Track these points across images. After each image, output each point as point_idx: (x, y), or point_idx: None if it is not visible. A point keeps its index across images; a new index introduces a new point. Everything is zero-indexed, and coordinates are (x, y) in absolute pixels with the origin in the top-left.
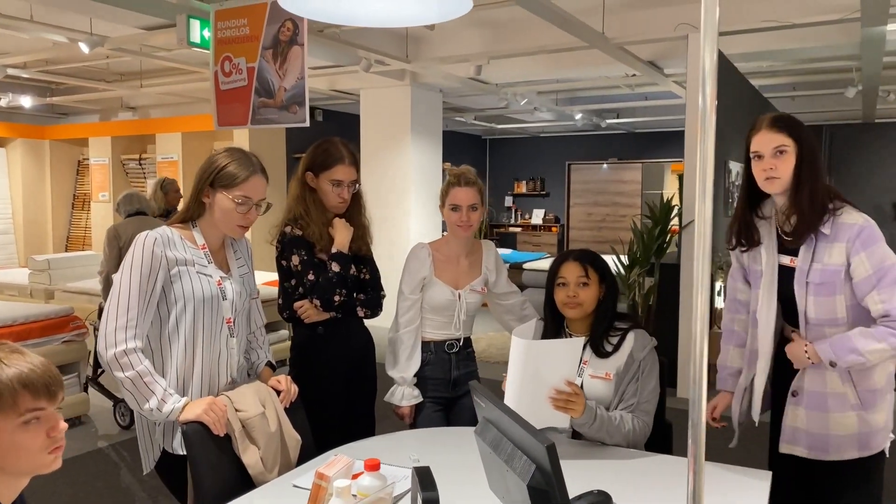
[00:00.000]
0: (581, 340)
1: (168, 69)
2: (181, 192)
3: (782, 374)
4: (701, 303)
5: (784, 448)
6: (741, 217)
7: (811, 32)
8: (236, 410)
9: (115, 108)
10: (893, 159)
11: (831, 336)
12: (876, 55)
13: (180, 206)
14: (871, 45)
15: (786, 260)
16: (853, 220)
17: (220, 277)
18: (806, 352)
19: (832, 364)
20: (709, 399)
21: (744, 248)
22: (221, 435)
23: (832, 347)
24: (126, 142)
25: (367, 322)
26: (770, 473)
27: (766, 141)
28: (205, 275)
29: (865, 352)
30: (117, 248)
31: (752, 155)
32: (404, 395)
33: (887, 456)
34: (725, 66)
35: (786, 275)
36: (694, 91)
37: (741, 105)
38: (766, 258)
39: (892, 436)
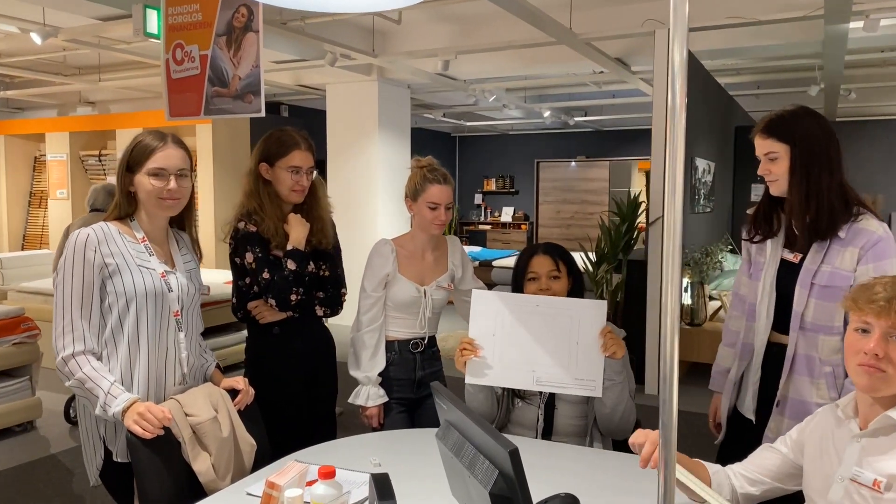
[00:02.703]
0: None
1: (128, 62)
2: None
3: (765, 381)
4: (671, 300)
5: None
6: (763, 207)
7: (775, 30)
8: (186, 415)
9: (73, 102)
10: (855, 157)
11: (823, 344)
12: (838, 53)
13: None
14: (834, 43)
15: (789, 255)
16: (872, 229)
17: (165, 271)
18: None
19: None
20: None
21: (759, 239)
22: (152, 437)
23: None
24: (85, 137)
25: (328, 320)
26: None
27: (758, 147)
28: (147, 268)
29: None
30: None
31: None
32: (370, 395)
33: None
34: (692, 63)
35: (787, 270)
36: (661, 88)
37: (707, 102)
38: (771, 250)
39: None
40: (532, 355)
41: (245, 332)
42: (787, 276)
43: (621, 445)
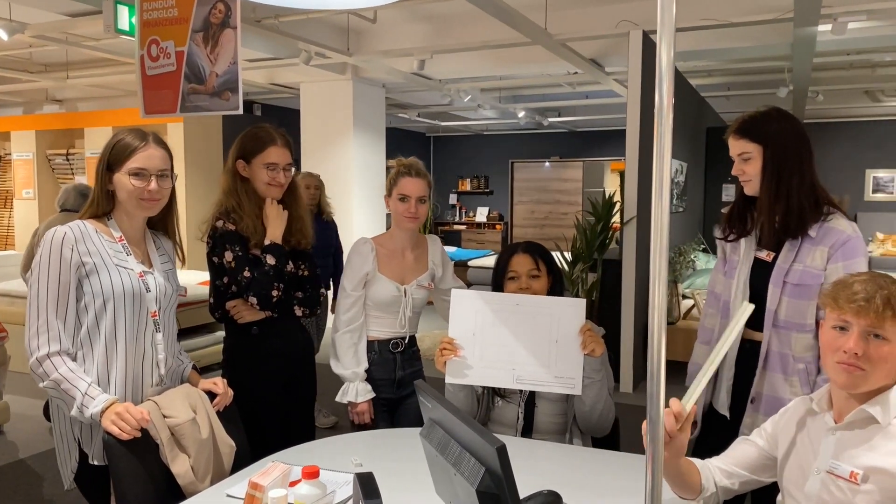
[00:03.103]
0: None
1: (97, 60)
2: None
3: (739, 377)
4: (658, 296)
5: None
6: (737, 207)
7: (746, 32)
8: (164, 416)
9: (39, 100)
10: (822, 158)
11: (796, 341)
12: (806, 55)
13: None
14: (802, 46)
15: (762, 254)
16: (842, 228)
17: (143, 271)
18: None
19: None
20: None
21: (734, 238)
22: (129, 438)
23: None
24: (52, 136)
25: (306, 321)
26: None
27: (732, 147)
28: (124, 268)
29: None
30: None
31: None
32: (358, 391)
33: None
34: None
35: (760, 269)
36: (636, 90)
37: (680, 104)
38: (745, 249)
39: None
40: (512, 354)
41: (220, 334)
42: (760, 275)
43: (601, 442)
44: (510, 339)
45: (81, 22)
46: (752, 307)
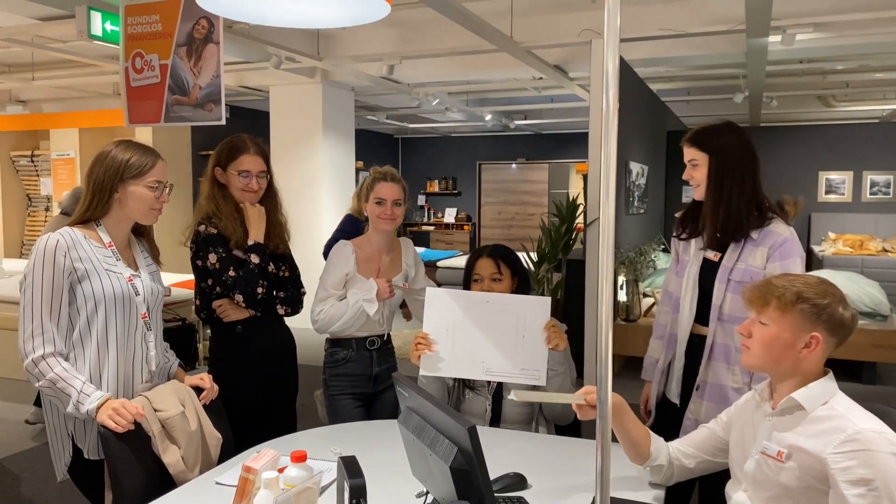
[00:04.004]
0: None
1: (63, 61)
2: None
3: (689, 369)
4: (606, 288)
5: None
6: (689, 209)
7: (702, 42)
8: (155, 410)
9: (2, 101)
10: (777, 161)
11: (738, 334)
12: (759, 64)
13: (78, 209)
14: (755, 55)
15: (710, 254)
16: (780, 231)
17: (131, 275)
18: None
19: None
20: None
21: (685, 237)
22: (124, 431)
23: None
24: (16, 137)
25: (287, 321)
26: None
27: (685, 154)
28: (114, 272)
29: None
30: None
31: None
32: (374, 288)
33: None
34: (626, 71)
35: (707, 268)
36: (598, 94)
37: (641, 108)
38: (694, 249)
39: None
40: (482, 348)
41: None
42: (707, 273)
43: (564, 430)
44: (480, 335)
45: (51, 25)
46: None
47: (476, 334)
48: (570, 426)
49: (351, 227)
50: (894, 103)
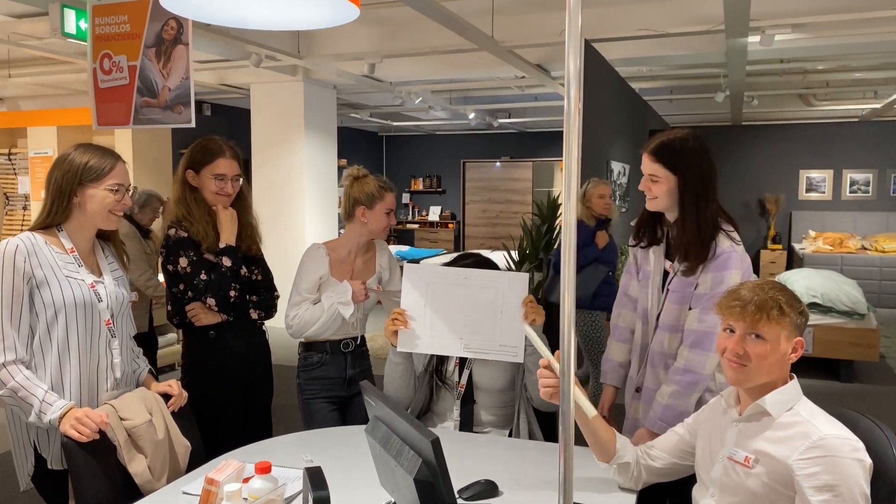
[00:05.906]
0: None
1: (40, 59)
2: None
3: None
4: (568, 302)
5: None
6: (646, 217)
7: (682, 41)
8: (121, 419)
9: None
10: (759, 159)
11: (669, 342)
12: (739, 64)
13: (39, 214)
14: (735, 55)
15: (668, 264)
16: (721, 245)
17: (94, 281)
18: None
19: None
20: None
21: (644, 245)
22: (88, 440)
23: (664, 420)
24: None
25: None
26: None
27: (644, 165)
28: (75, 279)
29: (690, 402)
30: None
31: None
32: (348, 289)
33: None
34: (608, 70)
35: (667, 278)
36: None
37: (622, 108)
38: (655, 260)
39: None
40: (460, 324)
41: (173, 335)
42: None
43: (548, 421)
44: (458, 311)
45: (25, 22)
46: None
47: (454, 310)
48: (548, 433)
49: None
50: (873, 102)
